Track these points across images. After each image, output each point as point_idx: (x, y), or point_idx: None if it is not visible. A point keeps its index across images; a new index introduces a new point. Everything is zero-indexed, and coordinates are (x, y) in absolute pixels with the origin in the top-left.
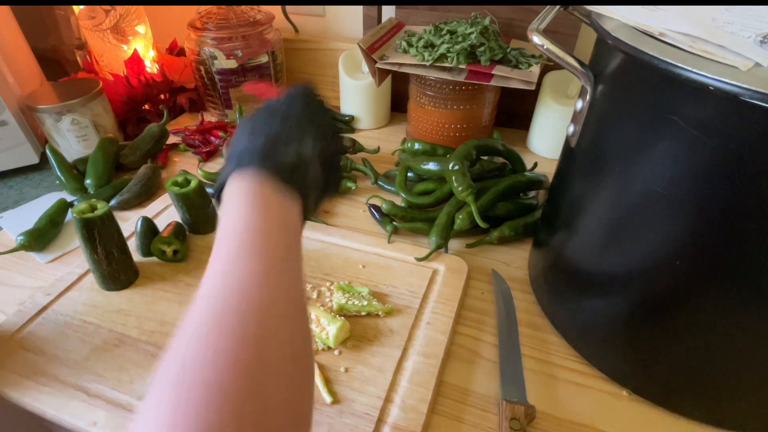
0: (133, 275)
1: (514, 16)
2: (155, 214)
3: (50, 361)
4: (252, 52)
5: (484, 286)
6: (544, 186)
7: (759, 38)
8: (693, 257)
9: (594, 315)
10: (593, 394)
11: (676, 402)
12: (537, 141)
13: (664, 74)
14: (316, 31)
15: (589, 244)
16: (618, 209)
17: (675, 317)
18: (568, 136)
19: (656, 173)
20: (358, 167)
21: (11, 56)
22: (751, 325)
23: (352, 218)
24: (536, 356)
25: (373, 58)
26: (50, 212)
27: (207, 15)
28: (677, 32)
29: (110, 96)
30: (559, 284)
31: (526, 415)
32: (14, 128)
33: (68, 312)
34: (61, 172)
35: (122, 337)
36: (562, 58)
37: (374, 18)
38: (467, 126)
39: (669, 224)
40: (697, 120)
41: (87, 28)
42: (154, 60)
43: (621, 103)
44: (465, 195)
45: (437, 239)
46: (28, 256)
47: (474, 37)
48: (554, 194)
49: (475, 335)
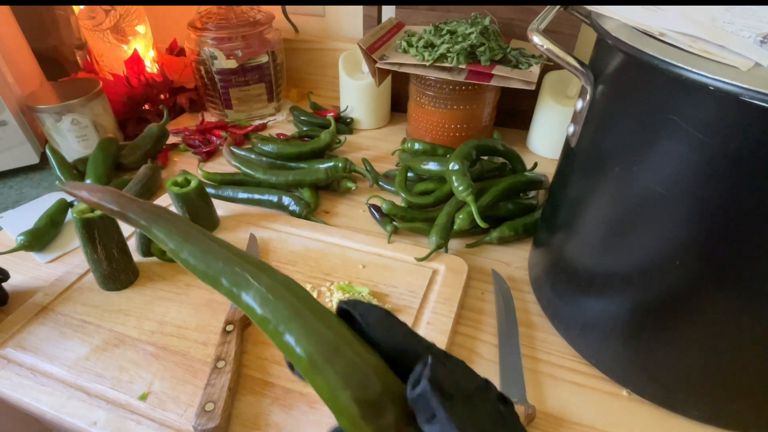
0: (133, 275)
1: (514, 16)
2: None
3: (50, 361)
4: (252, 52)
5: (484, 286)
6: (544, 186)
7: (759, 38)
8: (693, 257)
9: (594, 315)
10: (593, 394)
11: (676, 402)
12: (537, 141)
13: (664, 74)
14: (316, 31)
15: (589, 244)
16: (618, 209)
17: (675, 317)
18: (568, 136)
19: (656, 173)
20: (358, 168)
21: (11, 56)
22: (751, 325)
23: (352, 218)
24: (536, 356)
25: (373, 58)
26: (50, 212)
27: (207, 15)
28: (677, 32)
29: (110, 96)
30: (559, 284)
31: (526, 415)
32: (14, 128)
33: (68, 312)
34: (61, 172)
35: (122, 337)
36: (562, 58)
37: (374, 18)
38: (467, 126)
39: (669, 224)
40: (697, 120)
41: (87, 28)
42: (154, 60)
43: (621, 103)
44: (465, 195)
45: (437, 239)
46: (28, 256)
47: (474, 37)
48: (554, 194)
49: (475, 335)
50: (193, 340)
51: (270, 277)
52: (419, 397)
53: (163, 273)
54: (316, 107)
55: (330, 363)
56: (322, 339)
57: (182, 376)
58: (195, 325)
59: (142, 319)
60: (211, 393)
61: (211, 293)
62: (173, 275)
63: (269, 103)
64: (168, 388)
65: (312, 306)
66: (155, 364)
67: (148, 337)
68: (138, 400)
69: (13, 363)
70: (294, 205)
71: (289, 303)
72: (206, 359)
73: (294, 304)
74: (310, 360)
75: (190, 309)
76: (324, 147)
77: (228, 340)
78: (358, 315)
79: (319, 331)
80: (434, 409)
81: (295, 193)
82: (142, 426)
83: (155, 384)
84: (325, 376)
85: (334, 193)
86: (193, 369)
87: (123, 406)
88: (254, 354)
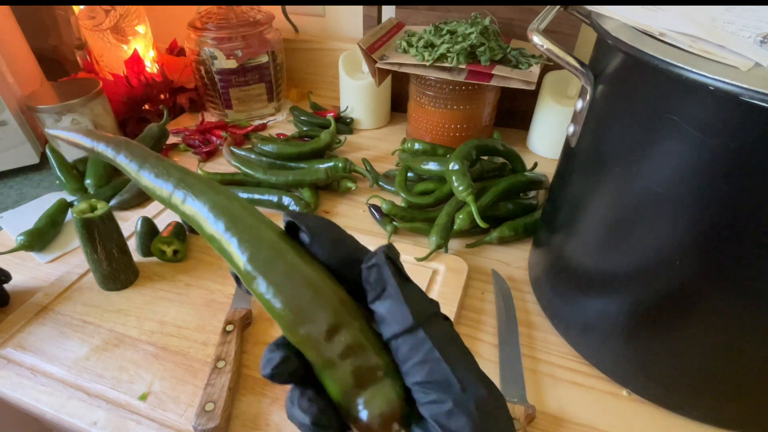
0: (133, 275)
1: (514, 16)
2: (155, 214)
3: (50, 361)
4: (252, 52)
5: (484, 286)
6: (544, 186)
7: (759, 38)
8: (693, 257)
9: (594, 315)
10: (593, 394)
11: (676, 402)
12: (537, 141)
13: (664, 74)
14: (316, 31)
15: (589, 244)
16: (618, 209)
17: (675, 317)
18: (568, 136)
19: (656, 173)
20: (358, 168)
21: (11, 56)
22: (751, 324)
23: (352, 218)
24: (536, 356)
25: (373, 58)
26: (50, 212)
27: (207, 15)
28: (677, 32)
29: (110, 96)
30: (559, 284)
31: (526, 415)
32: (14, 128)
33: (68, 312)
34: (61, 172)
35: (122, 337)
36: (562, 58)
37: (374, 18)
38: (467, 126)
39: (669, 224)
40: (697, 120)
41: (87, 28)
42: (154, 60)
43: (621, 103)
44: (465, 195)
45: (437, 239)
46: (28, 256)
47: (474, 37)
48: (554, 194)
49: (475, 335)
50: (193, 340)
51: (215, 191)
52: (372, 268)
53: (163, 273)
54: (316, 107)
55: (265, 273)
56: (259, 251)
57: (182, 376)
58: (195, 325)
59: (142, 319)
60: (211, 393)
61: (212, 293)
62: (173, 275)
63: (269, 103)
64: (168, 388)
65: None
66: (155, 364)
67: (148, 337)
68: (138, 400)
69: (13, 363)
70: (294, 205)
71: (231, 215)
72: (206, 359)
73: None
74: (247, 270)
75: (190, 309)
76: (324, 147)
77: (228, 340)
78: (304, 227)
79: (257, 244)
80: (386, 282)
81: (295, 193)
82: (142, 426)
83: (155, 384)
84: (261, 285)
85: (334, 193)
86: (193, 369)
87: (123, 406)
88: (254, 354)
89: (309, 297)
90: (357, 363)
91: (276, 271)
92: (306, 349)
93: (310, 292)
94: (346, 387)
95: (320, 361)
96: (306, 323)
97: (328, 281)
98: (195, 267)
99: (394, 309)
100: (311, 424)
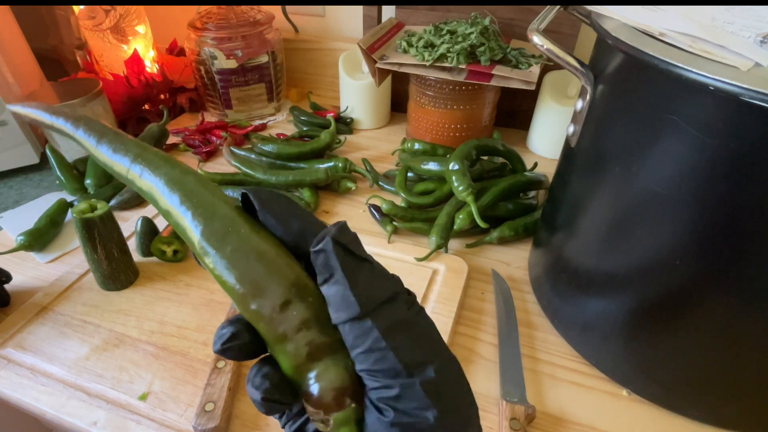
0: (133, 275)
1: (514, 16)
2: (155, 214)
3: (50, 361)
4: (252, 52)
5: (484, 286)
6: (544, 186)
7: (759, 38)
8: (693, 257)
9: (594, 315)
10: (593, 394)
11: (676, 402)
12: (537, 141)
13: (664, 74)
14: (316, 31)
15: (589, 244)
16: (618, 209)
17: (675, 317)
18: (568, 136)
19: (656, 173)
20: (358, 168)
21: (11, 56)
22: (751, 324)
23: (352, 218)
24: (536, 356)
25: (373, 58)
26: (50, 212)
27: (207, 15)
28: (677, 32)
29: (110, 96)
30: (559, 284)
31: (526, 415)
32: (14, 128)
33: (68, 312)
34: (61, 172)
35: (122, 337)
36: (562, 58)
37: (374, 18)
38: (467, 126)
39: (669, 224)
40: (697, 120)
41: (87, 28)
42: (154, 60)
43: (621, 103)
44: (465, 195)
45: (437, 239)
46: (28, 256)
47: (474, 37)
48: (554, 194)
49: (474, 335)
50: (193, 340)
51: (171, 166)
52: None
53: (163, 273)
54: (316, 107)
55: (218, 248)
56: (213, 225)
57: (182, 376)
58: (195, 325)
59: (142, 319)
60: (211, 393)
61: (211, 293)
62: (173, 275)
63: (269, 103)
64: (168, 388)
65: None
66: (155, 364)
67: (148, 337)
68: (138, 400)
69: (13, 363)
70: None
71: (186, 189)
72: (206, 359)
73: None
74: (201, 245)
75: (190, 309)
76: (324, 147)
77: None
78: (257, 201)
79: (211, 217)
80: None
81: (295, 193)
82: (142, 426)
83: (155, 384)
84: (213, 259)
85: (334, 193)
86: (193, 369)
87: (123, 406)
88: None
89: (261, 271)
90: (309, 337)
91: (229, 244)
92: (258, 323)
93: (262, 266)
94: (298, 361)
95: (273, 336)
96: (258, 298)
97: (282, 255)
98: (195, 267)
99: (340, 296)
100: (261, 400)
